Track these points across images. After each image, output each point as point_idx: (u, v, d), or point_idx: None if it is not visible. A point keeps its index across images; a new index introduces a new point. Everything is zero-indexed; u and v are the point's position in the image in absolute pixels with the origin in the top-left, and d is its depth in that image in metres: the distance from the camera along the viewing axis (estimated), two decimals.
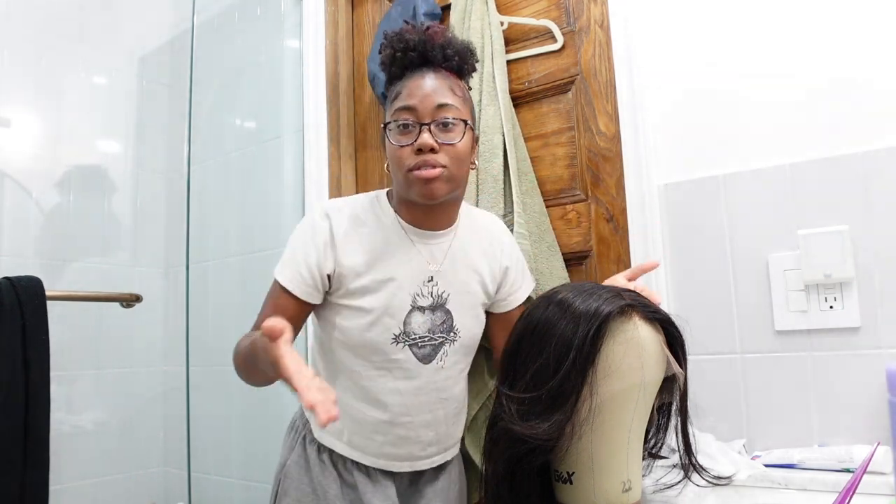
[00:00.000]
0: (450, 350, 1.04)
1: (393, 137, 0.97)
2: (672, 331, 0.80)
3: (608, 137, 1.30)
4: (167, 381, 2.06)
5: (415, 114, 0.96)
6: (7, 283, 1.39)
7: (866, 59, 1.05)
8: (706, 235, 1.16)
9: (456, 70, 1.02)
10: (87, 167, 1.97)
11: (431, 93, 0.96)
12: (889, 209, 1.00)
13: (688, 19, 1.22)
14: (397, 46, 1.00)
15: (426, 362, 1.02)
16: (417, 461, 1.06)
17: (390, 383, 1.01)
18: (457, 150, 0.97)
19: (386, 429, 1.02)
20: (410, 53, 0.99)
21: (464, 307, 1.05)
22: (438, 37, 1.00)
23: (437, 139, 0.95)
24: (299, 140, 1.75)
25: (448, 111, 0.96)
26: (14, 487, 1.29)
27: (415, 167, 0.95)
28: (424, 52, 0.99)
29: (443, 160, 0.95)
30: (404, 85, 0.99)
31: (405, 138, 0.96)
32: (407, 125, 0.96)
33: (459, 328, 1.04)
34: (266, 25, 1.91)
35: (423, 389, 1.02)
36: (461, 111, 0.98)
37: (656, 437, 0.88)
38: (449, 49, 1.00)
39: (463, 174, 1.00)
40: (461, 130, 0.97)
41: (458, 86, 1.01)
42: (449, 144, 0.96)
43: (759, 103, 1.13)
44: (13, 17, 1.82)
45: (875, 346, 1.00)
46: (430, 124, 0.95)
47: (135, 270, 2.05)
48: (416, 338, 1.01)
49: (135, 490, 1.97)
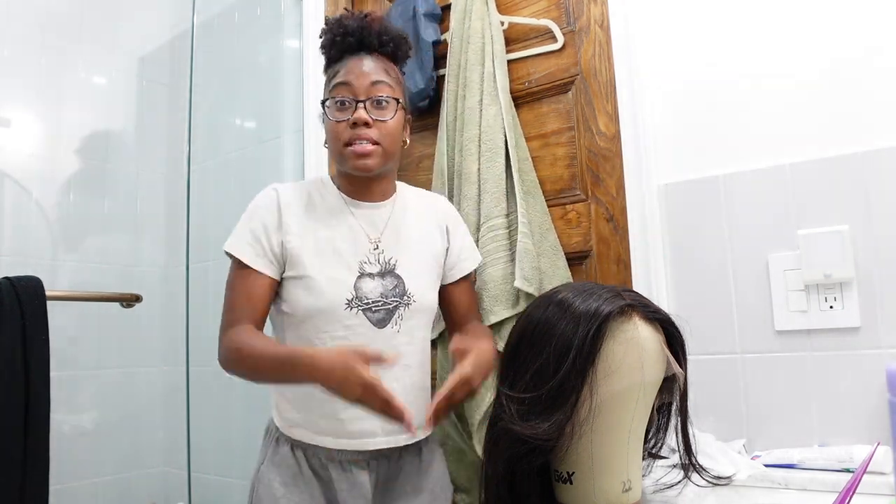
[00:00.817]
0: (405, 314, 1.06)
1: (330, 113, 1.05)
2: (672, 331, 0.80)
3: (608, 137, 1.31)
4: (167, 381, 2.06)
5: (351, 90, 1.04)
6: (7, 283, 1.39)
7: (866, 59, 1.05)
8: (706, 235, 1.16)
9: (390, 55, 1.10)
10: (87, 167, 1.97)
11: (367, 72, 1.05)
12: (889, 209, 1.00)
13: (688, 19, 1.22)
14: (336, 31, 1.08)
15: (381, 326, 1.04)
16: (392, 435, 1.04)
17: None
18: (388, 127, 1.05)
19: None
20: (349, 38, 1.07)
21: (414, 272, 1.08)
22: (375, 24, 1.08)
23: (371, 115, 1.03)
24: (299, 140, 1.75)
25: (382, 89, 1.04)
26: (14, 487, 1.29)
27: (350, 141, 1.03)
28: (361, 37, 1.07)
29: (375, 135, 1.03)
30: (342, 65, 1.07)
31: (341, 114, 1.04)
32: (343, 102, 1.04)
33: (413, 292, 1.06)
34: (266, 25, 1.91)
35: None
36: (394, 90, 1.06)
37: (656, 437, 0.88)
38: (385, 35, 1.08)
39: (395, 149, 1.08)
40: (393, 108, 1.05)
41: (392, 68, 1.09)
42: (381, 121, 1.04)
43: (759, 103, 1.13)
44: (13, 17, 1.82)
45: (875, 346, 1.00)
46: (364, 101, 1.03)
47: (135, 270, 2.05)
48: (368, 302, 1.03)
49: (135, 490, 1.98)
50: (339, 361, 0.85)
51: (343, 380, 0.85)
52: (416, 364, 1.07)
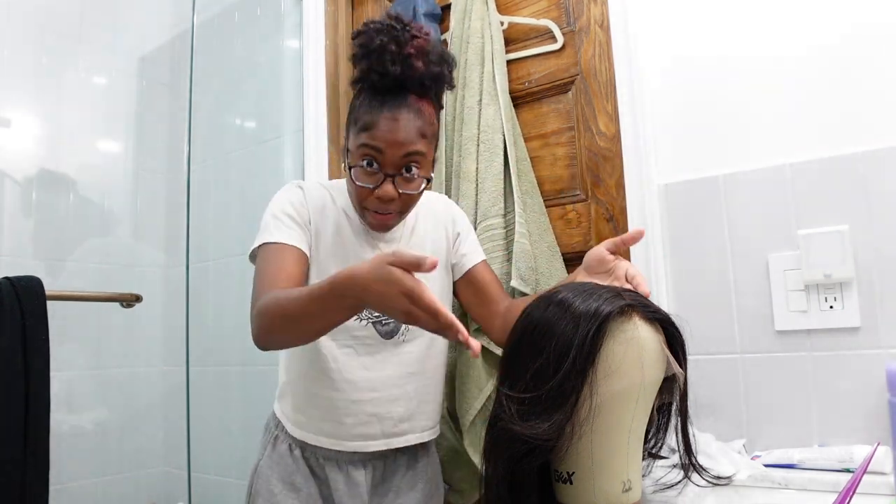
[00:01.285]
0: (411, 326, 1.04)
1: (356, 175, 0.97)
2: (672, 331, 0.80)
3: (608, 137, 1.30)
4: (167, 381, 2.06)
5: (381, 157, 0.95)
6: (7, 283, 1.39)
7: (867, 58, 1.05)
8: (706, 235, 1.16)
9: (432, 99, 1.00)
10: (87, 167, 1.97)
11: (400, 140, 0.94)
12: (889, 209, 1.00)
13: (688, 19, 1.22)
14: (375, 68, 0.94)
15: (388, 338, 1.05)
16: (392, 438, 1.05)
17: (354, 360, 1.03)
18: (413, 198, 1.00)
19: (355, 409, 1.03)
20: (386, 80, 0.95)
21: (423, 279, 1.05)
22: (418, 70, 0.95)
23: (398, 188, 0.96)
24: (299, 140, 1.75)
25: (414, 160, 0.96)
26: (14, 487, 1.29)
27: (371, 209, 0.99)
28: (403, 81, 0.95)
29: (398, 207, 0.99)
30: (374, 119, 0.95)
31: (368, 179, 0.97)
32: (371, 165, 0.96)
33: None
34: (266, 25, 1.91)
35: (388, 363, 1.04)
36: (426, 158, 0.98)
37: (656, 437, 0.88)
38: (427, 80, 0.97)
39: (412, 208, 1.04)
40: (422, 182, 0.99)
41: (429, 124, 0.99)
42: (408, 194, 0.98)
43: (759, 103, 1.13)
44: (13, 17, 1.82)
45: (875, 346, 1.00)
46: (394, 176, 0.96)
47: (135, 270, 2.05)
48: (379, 316, 1.03)
49: (135, 490, 1.97)
50: (377, 271, 0.75)
51: (385, 290, 0.74)
52: (422, 371, 1.07)
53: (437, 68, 0.98)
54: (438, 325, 0.73)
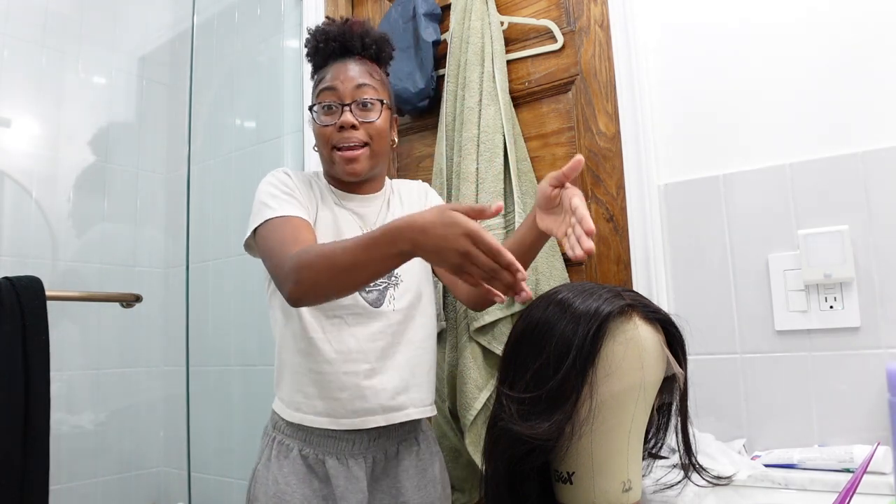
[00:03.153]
0: (395, 294, 1.08)
1: (317, 118, 1.08)
2: (672, 331, 0.80)
3: (608, 137, 1.31)
4: (167, 381, 2.06)
5: (336, 94, 1.06)
6: (7, 283, 1.39)
7: (867, 59, 1.05)
8: (706, 235, 1.16)
9: (374, 58, 1.12)
10: (87, 167, 1.97)
11: (351, 76, 1.07)
12: (889, 209, 1.00)
13: (688, 19, 1.22)
14: (319, 38, 1.11)
15: (376, 306, 1.06)
16: (390, 413, 1.04)
17: (345, 330, 1.04)
18: (376, 127, 1.07)
19: (347, 380, 1.02)
20: (332, 43, 1.09)
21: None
22: (357, 28, 1.10)
23: (357, 118, 1.05)
24: (299, 140, 1.75)
25: (366, 91, 1.07)
26: (14, 487, 1.29)
27: (338, 144, 1.06)
28: (344, 41, 1.09)
29: (363, 136, 1.06)
30: (327, 71, 1.09)
31: (329, 118, 1.07)
32: (330, 106, 1.07)
33: (399, 272, 1.08)
34: (266, 25, 1.91)
35: (379, 334, 1.05)
36: (379, 91, 1.09)
37: (656, 437, 0.88)
38: (367, 38, 1.11)
39: (383, 149, 1.11)
40: (379, 109, 1.08)
41: (376, 70, 1.11)
42: (368, 122, 1.06)
43: (759, 103, 1.13)
44: (13, 17, 1.82)
45: (875, 346, 1.00)
46: (350, 105, 1.06)
47: (135, 270, 2.05)
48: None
49: (135, 490, 1.98)
50: (440, 215, 0.78)
51: (445, 232, 0.76)
52: (411, 342, 1.08)
53: (377, 33, 1.13)
54: (499, 264, 0.76)
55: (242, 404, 1.82)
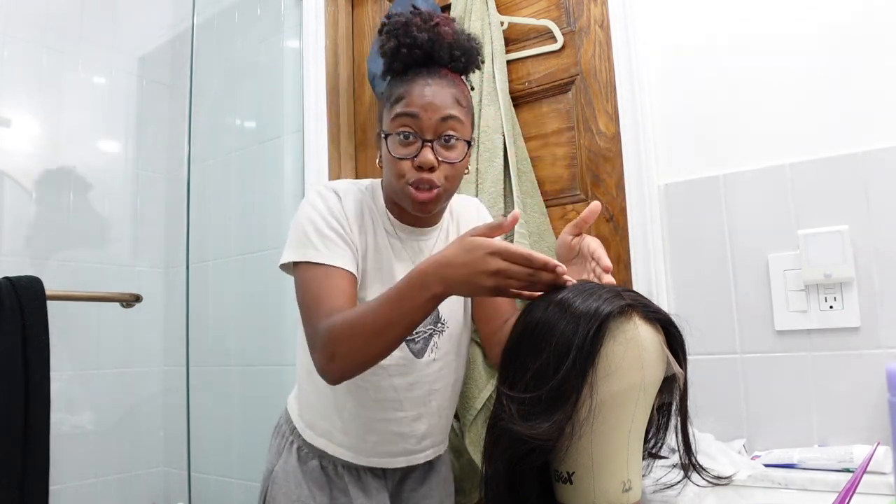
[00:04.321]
0: (439, 342, 1.03)
1: (392, 147, 0.94)
2: (672, 331, 0.80)
3: (608, 137, 1.30)
4: (167, 381, 2.06)
5: (417, 124, 0.92)
6: (7, 283, 1.39)
7: (867, 58, 1.05)
8: (706, 235, 1.16)
9: (461, 71, 0.99)
10: (86, 167, 1.97)
11: (437, 105, 0.92)
12: (889, 209, 1.00)
13: (688, 19, 1.22)
14: (403, 41, 0.94)
15: (419, 356, 1.02)
16: (413, 455, 1.05)
17: (385, 381, 1.00)
18: (455, 169, 0.95)
19: (379, 426, 1.02)
20: (416, 51, 0.94)
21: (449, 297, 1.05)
22: (447, 35, 0.95)
23: (437, 156, 0.92)
24: (299, 140, 1.75)
25: (452, 126, 0.93)
26: (14, 487, 1.29)
27: (412, 184, 0.93)
28: (431, 51, 0.94)
29: (440, 178, 0.93)
30: (407, 89, 0.93)
31: (405, 150, 0.93)
32: (408, 136, 0.93)
33: (446, 318, 1.04)
34: (266, 25, 1.91)
35: (417, 384, 1.02)
36: (464, 125, 0.95)
37: (656, 437, 0.88)
38: (456, 49, 0.96)
39: (456, 188, 0.99)
40: (462, 149, 0.95)
41: (463, 94, 0.97)
42: (448, 162, 0.93)
43: (759, 103, 1.13)
44: (13, 17, 1.82)
45: (875, 346, 1.00)
46: (432, 142, 0.92)
47: (135, 270, 2.05)
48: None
49: (135, 490, 1.97)
50: (458, 245, 0.76)
51: (470, 259, 0.74)
52: (444, 387, 1.06)
53: (467, 42, 0.98)
54: (534, 268, 0.75)
55: (242, 404, 1.82)
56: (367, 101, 1.75)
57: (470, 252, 0.75)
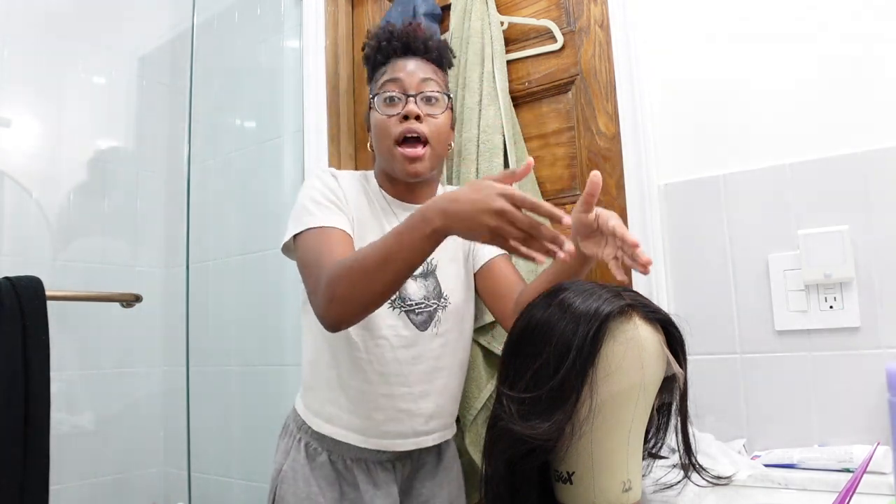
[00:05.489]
0: (442, 317, 1.06)
1: (380, 109, 1.05)
2: (672, 331, 0.80)
3: (608, 137, 1.31)
4: (167, 381, 2.06)
5: (400, 85, 1.04)
6: (7, 283, 1.39)
7: (866, 59, 1.05)
8: (706, 235, 1.16)
9: (435, 61, 1.10)
10: (87, 167, 1.97)
11: (416, 70, 1.05)
12: (889, 209, 1.00)
13: (688, 19, 1.22)
14: (382, 37, 1.09)
15: (423, 329, 1.04)
16: (421, 437, 1.05)
17: (388, 353, 1.01)
18: (439, 124, 1.04)
19: (385, 403, 1.02)
20: (394, 42, 1.07)
21: (449, 272, 1.08)
22: (421, 31, 1.09)
23: (421, 110, 1.02)
24: (299, 140, 1.75)
25: (431, 85, 1.05)
26: (14, 487, 1.29)
27: (400, 136, 1.01)
28: (408, 41, 1.07)
29: (426, 130, 1.02)
30: (389, 66, 1.07)
31: (392, 108, 1.04)
32: (393, 98, 1.04)
33: (448, 293, 1.07)
34: (266, 25, 1.91)
35: (421, 358, 1.03)
36: (442, 88, 1.07)
37: (656, 437, 0.88)
38: (430, 41, 1.09)
39: (443, 152, 1.08)
40: (443, 105, 1.06)
41: (439, 71, 1.10)
42: (432, 116, 1.04)
43: (759, 103, 1.13)
44: (13, 17, 1.82)
45: (875, 346, 1.00)
46: (415, 96, 1.03)
47: (135, 270, 2.05)
48: (412, 304, 1.03)
49: (135, 490, 1.97)
50: (469, 183, 0.77)
51: (477, 197, 0.75)
52: (450, 366, 1.07)
53: (438, 38, 1.12)
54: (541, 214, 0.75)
55: (242, 404, 1.82)
56: (367, 101, 1.75)
57: (478, 190, 0.77)
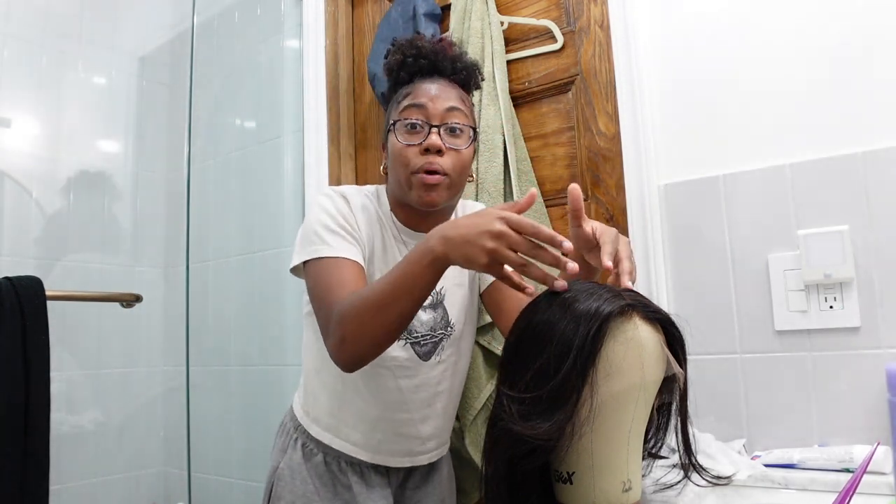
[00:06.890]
0: (446, 345, 1.05)
1: (400, 136, 0.97)
2: (672, 331, 0.80)
3: (608, 137, 1.31)
4: (167, 381, 2.06)
5: (424, 113, 0.96)
6: (7, 283, 1.39)
7: (866, 59, 1.05)
8: (706, 235, 1.16)
9: (463, 83, 1.03)
10: (87, 167, 1.97)
11: (442, 96, 0.97)
12: (889, 209, 1.00)
13: (688, 19, 1.22)
14: (408, 52, 1.01)
15: (426, 359, 1.02)
16: (416, 456, 1.06)
17: (391, 382, 1.01)
18: (461, 157, 0.97)
19: (384, 426, 1.03)
20: (421, 60, 1.00)
21: (456, 299, 1.06)
22: (450, 49, 1.02)
23: (444, 143, 0.95)
24: (299, 140, 1.75)
25: (457, 116, 0.97)
26: (14, 487, 1.29)
27: (419, 169, 0.94)
28: (436, 61, 1.00)
29: (447, 165, 0.95)
30: (413, 87, 0.99)
31: (413, 138, 0.96)
32: (415, 125, 0.96)
33: (455, 321, 1.05)
34: (266, 25, 1.91)
35: (423, 386, 1.03)
36: (469, 119, 1.00)
37: (656, 437, 0.88)
38: (458, 63, 1.02)
39: (462, 183, 1.00)
40: (468, 137, 0.98)
41: (466, 98, 1.02)
42: (455, 150, 0.96)
43: (759, 103, 1.13)
44: (13, 17, 1.82)
45: (875, 346, 1.00)
46: (439, 127, 0.96)
47: (135, 270, 2.05)
48: (418, 336, 1.02)
49: (135, 490, 1.98)
50: (474, 212, 0.76)
51: (476, 221, 0.74)
52: (450, 388, 1.07)
53: (469, 59, 1.05)
54: (542, 240, 0.72)
55: (242, 404, 1.82)
56: (367, 101, 1.75)
57: (479, 215, 0.75)
